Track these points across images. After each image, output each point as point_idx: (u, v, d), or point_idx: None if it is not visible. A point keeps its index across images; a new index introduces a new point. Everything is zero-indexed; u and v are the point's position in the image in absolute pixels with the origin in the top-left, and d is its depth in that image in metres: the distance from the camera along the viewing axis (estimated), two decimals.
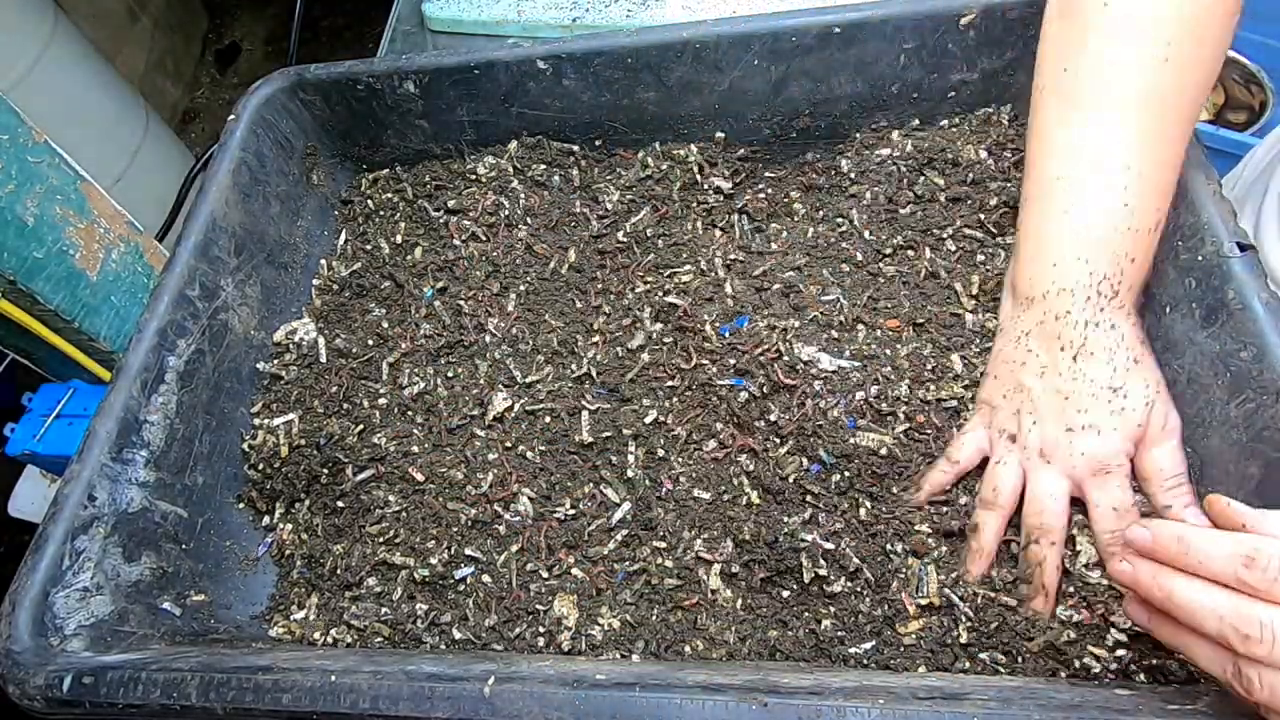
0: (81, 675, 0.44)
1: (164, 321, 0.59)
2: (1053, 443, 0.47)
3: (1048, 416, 0.47)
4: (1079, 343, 0.47)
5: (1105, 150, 0.46)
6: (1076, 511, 0.48)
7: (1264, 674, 0.33)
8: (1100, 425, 0.46)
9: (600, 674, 0.40)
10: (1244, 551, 0.34)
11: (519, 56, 0.68)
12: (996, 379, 0.51)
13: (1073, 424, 0.46)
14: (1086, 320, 0.47)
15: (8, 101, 0.72)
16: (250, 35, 2.52)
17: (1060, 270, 0.47)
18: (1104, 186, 0.46)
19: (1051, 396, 0.47)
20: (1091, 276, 0.47)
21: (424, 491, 0.59)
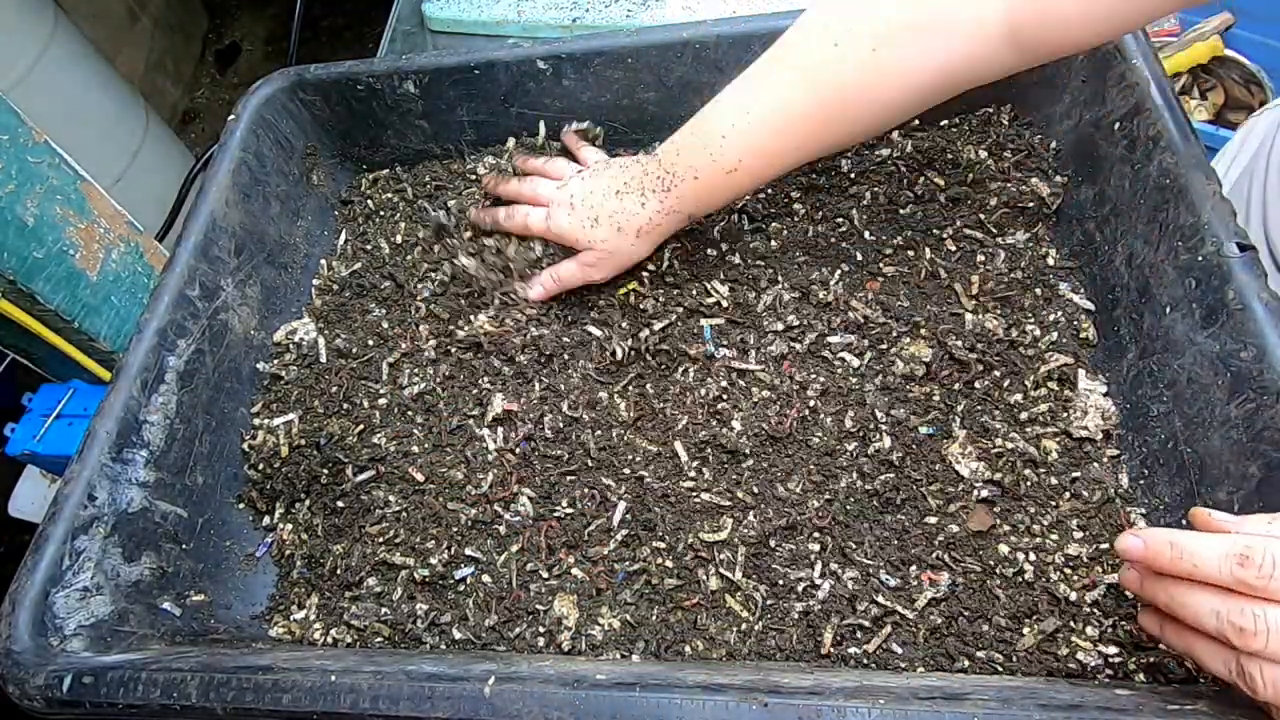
0: (81, 675, 0.44)
1: (164, 321, 0.59)
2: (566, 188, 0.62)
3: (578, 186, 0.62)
4: (627, 189, 0.58)
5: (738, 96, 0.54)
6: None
7: (1265, 669, 0.34)
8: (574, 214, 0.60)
9: (600, 674, 0.40)
10: (1237, 551, 0.35)
11: (519, 56, 0.68)
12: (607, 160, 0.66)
13: (574, 198, 0.61)
14: (643, 185, 0.58)
15: (8, 101, 0.72)
16: (250, 35, 2.52)
17: (668, 146, 0.57)
18: (719, 116, 0.54)
19: (591, 183, 0.61)
20: (670, 165, 0.56)
21: (424, 491, 0.59)
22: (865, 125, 0.52)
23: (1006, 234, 0.63)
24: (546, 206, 0.62)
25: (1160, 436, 0.52)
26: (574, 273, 0.62)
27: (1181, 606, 0.37)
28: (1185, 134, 0.53)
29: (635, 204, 0.58)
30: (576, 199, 0.61)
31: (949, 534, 0.52)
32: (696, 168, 0.55)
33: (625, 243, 0.59)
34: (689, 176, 0.55)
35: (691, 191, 0.56)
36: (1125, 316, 0.56)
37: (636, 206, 0.58)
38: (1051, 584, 0.50)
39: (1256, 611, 0.34)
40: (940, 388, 0.57)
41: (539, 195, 0.64)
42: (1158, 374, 0.53)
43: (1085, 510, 0.52)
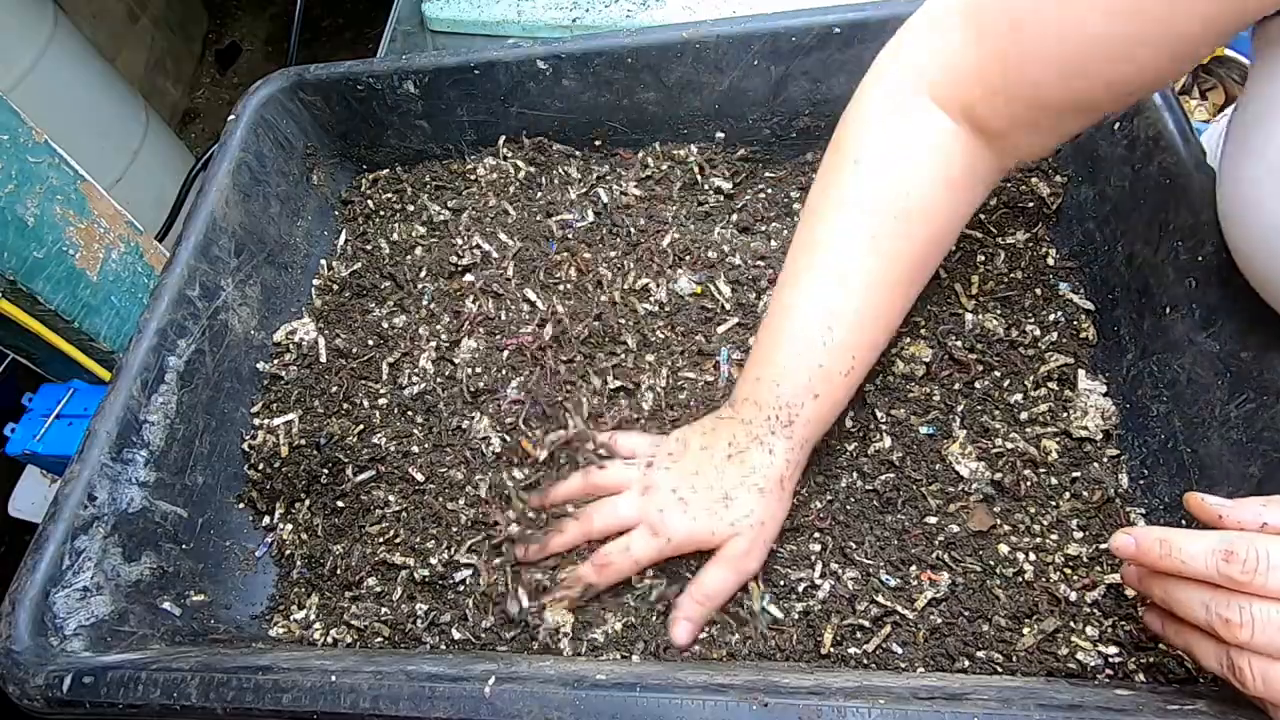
0: (81, 675, 0.44)
1: (164, 321, 0.59)
2: (657, 488, 0.51)
3: (675, 473, 0.52)
4: (740, 449, 0.50)
5: (822, 296, 0.49)
6: None
7: (1254, 662, 0.34)
8: (691, 509, 0.50)
9: (600, 674, 0.40)
10: (1223, 547, 0.35)
11: (519, 56, 0.68)
12: (689, 428, 0.54)
13: (680, 490, 0.51)
14: (757, 435, 0.50)
15: (8, 101, 0.72)
16: (250, 35, 2.52)
17: (759, 386, 0.50)
18: (812, 327, 0.49)
19: (691, 465, 0.51)
20: (777, 400, 0.49)
21: (424, 492, 0.59)
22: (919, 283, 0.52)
23: (1006, 234, 0.63)
24: (636, 525, 0.51)
25: (1160, 436, 0.52)
26: (726, 577, 0.49)
27: (1174, 601, 0.38)
28: (1185, 134, 0.53)
29: (762, 457, 0.49)
30: (681, 490, 0.50)
31: (949, 534, 0.52)
32: (811, 386, 0.49)
33: (774, 503, 0.50)
34: (808, 399, 0.49)
35: (816, 413, 0.49)
36: (1125, 316, 0.56)
37: (764, 459, 0.49)
38: (1051, 584, 0.50)
39: (1242, 604, 0.34)
40: (940, 388, 0.57)
41: (622, 517, 0.51)
42: (1158, 374, 0.53)
43: (1085, 510, 0.52)
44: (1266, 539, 0.35)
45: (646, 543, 0.50)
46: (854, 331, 0.49)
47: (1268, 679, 0.34)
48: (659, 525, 0.50)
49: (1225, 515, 0.37)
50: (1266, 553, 0.34)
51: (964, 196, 0.50)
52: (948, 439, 0.55)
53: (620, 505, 0.52)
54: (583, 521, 0.52)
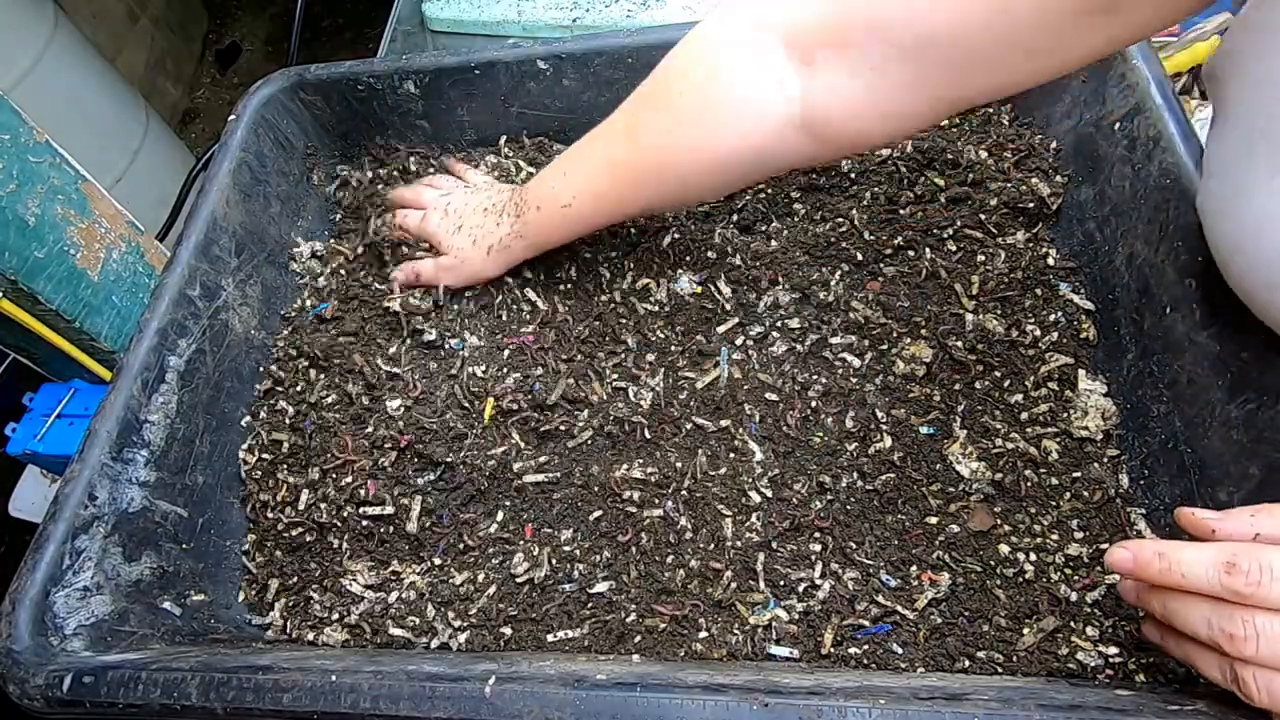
0: (81, 675, 0.44)
1: (165, 321, 0.59)
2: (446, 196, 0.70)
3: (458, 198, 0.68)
4: (491, 210, 0.64)
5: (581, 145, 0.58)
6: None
7: (1259, 675, 0.34)
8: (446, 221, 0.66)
9: (600, 674, 0.40)
10: (1224, 560, 0.35)
11: (519, 56, 0.68)
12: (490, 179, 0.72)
13: (449, 207, 0.67)
14: (503, 208, 0.63)
15: (8, 101, 0.72)
16: (250, 35, 2.52)
17: (536, 177, 0.62)
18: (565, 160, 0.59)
19: (467, 196, 0.67)
20: (528, 192, 0.61)
21: None
22: (675, 192, 0.55)
23: (1006, 234, 0.63)
24: (425, 209, 0.68)
25: (1160, 436, 0.52)
26: (429, 270, 0.65)
27: (1175, 616, 0.37)
28: (1185, 134, 0.53)
29: (493, 223, 0.63)
30: (451, 208, 0.66)
31: (949, 534, 0.52)
32: (541, 199, 0.59)
33: (477, 256, 0.63)
34: (534, 206, 0.60)
35: (535, 221, 0.60)
36: (1125, 316, 0.56)
37: (493, 225, 0.63)
38: (1052, 584, 0.50)
39: (1245, 618, 0.34)
40: (940, 388, 0.57)
41: (421, 199, 0.69)
42: (1158, 374, 0.53)
43: (1085, 510, 0.52)
44: (1268, 550, 0.34)
45: (415, 219, 0.68)
46: (581, 178, 0.57)
47: (1272, 691, 0.34)
48: (427, 217, 0.67)
49: (1218, 529, 0.37)
50: (1269, 564, 0.34)
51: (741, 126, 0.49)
52: (948, 439, 0.55)
53: (427, 192, 0.70)
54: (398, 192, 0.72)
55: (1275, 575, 0.33)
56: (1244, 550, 0.35)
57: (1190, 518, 0.39)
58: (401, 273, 0.67)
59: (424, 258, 0.67)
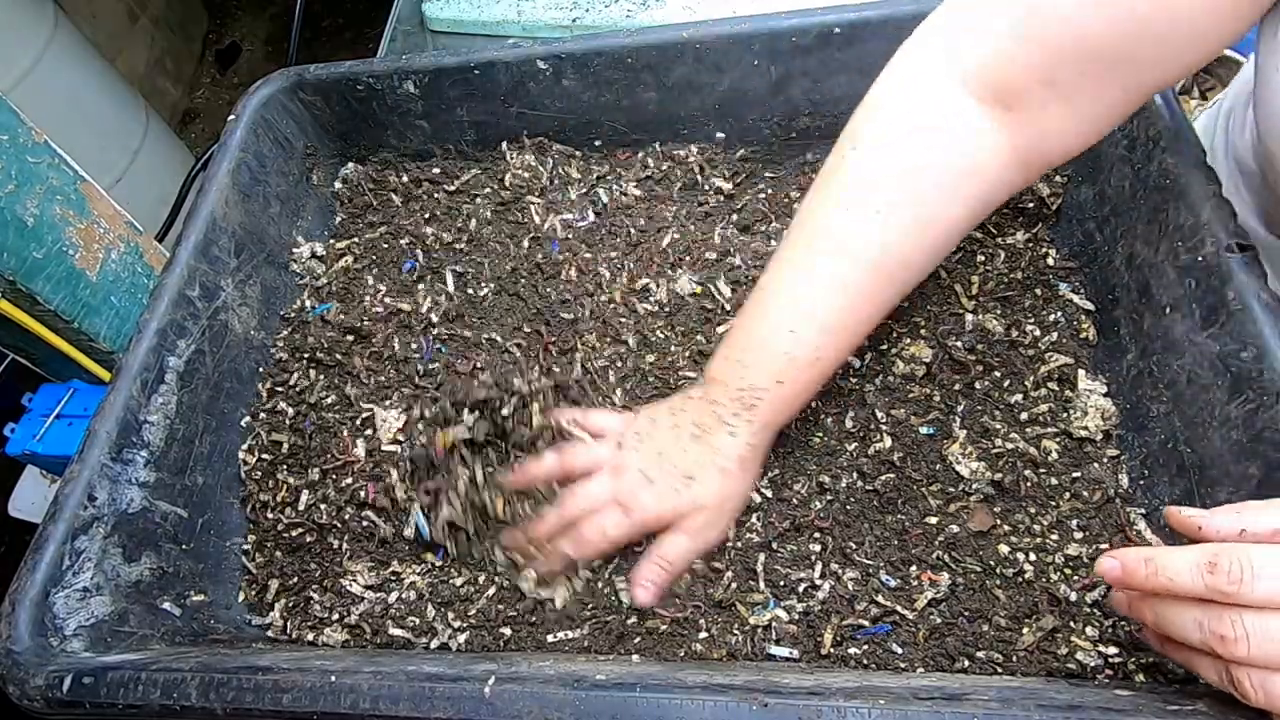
0: (81, 676, 0.44)
1: (164, 322, 0.59)
2: (626, 470, 0.53)
3: (643, 455, 0.54)
4: (704, 430, 0.52)
5: (792, 281, 0.50)
6: None
7: (1253, 675, 0.34)
8: (656, 489, 0.52)
9: (600, 674, 0.40)
10: (1205, 560, 0.35)
11: (519, 56, 0.68)
12: (659, 406, 0.56)
13: (647, 471, 0.53)
14: (721, 417, 0.51)
15: (8, 101, 0.72)
16: (250, 35, 2.52)
17: (727, 367, 0.52)
18: (780, 310, 0.50)
19: (657, 445, 0.53)
20: (742, 381, 0.51)
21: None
22: (920, 273, 0.51)
23: (1006, 234, 0.63)
24: (603, 505, 0.53)
25: (1160, 437, 0.52)
26: (686, 546, 0.52)
27: (1166, 622, 0.37)
28: (1185, 134, 0.53)
29: (724, 438, 0.51)
30: (649, 471, 0.52)
31: (949, 534, 0.52)
32: (776, 373, 0.50)
33: (733, 483, 0.52)
34: (772, 384, 0.50)
35: (780, 398, 0.51)
36: (1125, 316, 0.56)
37: (726, 440, 0.51)
38: (1051, 584, 0.50)
39: (1234, 618, 0.34)
40: (940, 388, 0.57)
41: (594, 498, 0.54)
42: (1158, 374, 0.53)
43: (1085, 510, 0.52)
44: (1249, 547, 0.34)
45: (619, 521, 0.52)
46: (822, 325, 0.49)
47: (1268, 690, 0.33)
48: (629, 504, 0.52)
49: (1204, 526, 0.37)
50: (1250, 561, 0.34)
51: (966, 190, 0.48)
52: (948, 439, 0.55)
53: (593, 487, 0.54)
54: (561, 509, 0.54)
55: (1258, 572, 0.33)
56: (1225, 549, 0.35)
57: (1177, 516, 0.39)
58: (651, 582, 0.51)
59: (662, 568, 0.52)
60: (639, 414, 0.57)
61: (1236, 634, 0.34)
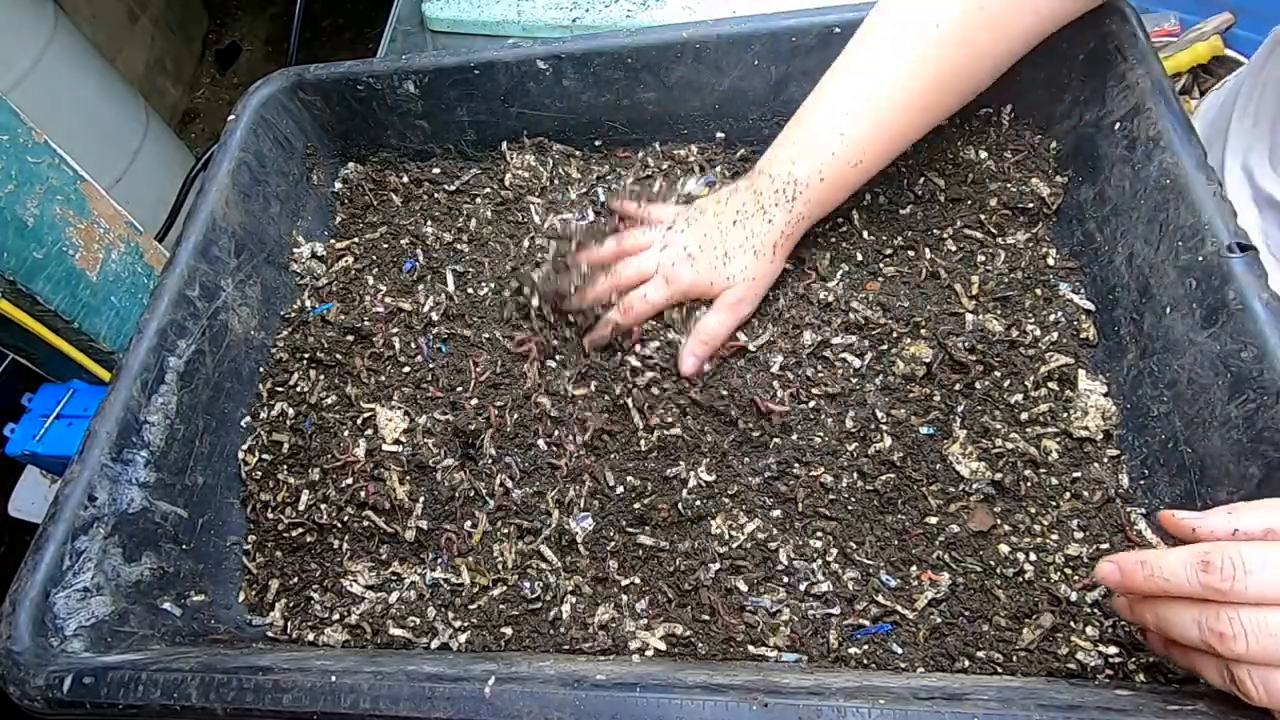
0: (82, 676, 0.44)
1: (164, 322, 0.59)
2: (671, 246, 0.59)
3: (688, 234, 0.59)
4: (746, 215, 0.57)
5: (846, 84, 0.55)
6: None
7: (1254, 672, 0.34)
8: (697, 263, 0.58)
9: (600, 674, 0.40)
10: (1198, 559, 0.35)
11: (519, 56, 0.68)
12: (708, 198, 0.61)
13: (689, 247, 0.58)
14: (762, 205, 0.57)
15: (8, 101, 0.72)
16: (250, 35, 2.52)
17: (774, 159, 0.58)
18: (832, 110, 0.55)
19: (702, 227, 0.59)
20: (788, 175, 0.56)
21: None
22: (975, 85, 0.54)
23: (1006, 234, 0.63)
24: (652, 276, 0.59)
25: (1160, 436, 0.52)
26: (724, 320, 0.57)
27: (1167, 624, 0.37)
28: (1185, 134, 0.53)
29: (762, 224, 0.56)
30: (690, 248, 0.58)
31: (949, 534, 0.52)
32: (820, 169, 0.55)
33: (765, 264, 0.57)
34: (814, 180, 0.55)
35: (819, 194, 0.56)
36: (1125, 316, 0.56)
37: (763, 225, 0.56)
38: (1051, 584, 0.50)
39: (1231, 615, 0.34)
40: (940, 388, 0.57)
41: (643, 269, 0.60)
42: (1158, 374, 0.53)
43: (1085, 510, 0.52)
44: (1240, 545, 0.35)
45: (659, 289, 0.59)
46: (870, 127, 0.54)
47: (1270, 686, 0.34)
48: (670, 276, 0.59)
49: (1198, 528, 0.38)
50: (1242, 558, 0.34)
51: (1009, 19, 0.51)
52: (948, 439, 0.55)
53: (642, 259, 0.60)
54: (611, 275, 0.60)
55: (1250, 569, 0.34)
56: (1216, 547, 0.35)
57: (1171, 519, 0.39)
58: (693, 354, 0.57)
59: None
60: (693, 204, 0.62)
61: (1234, 631, 0.34)
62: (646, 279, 0.60)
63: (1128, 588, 0.39)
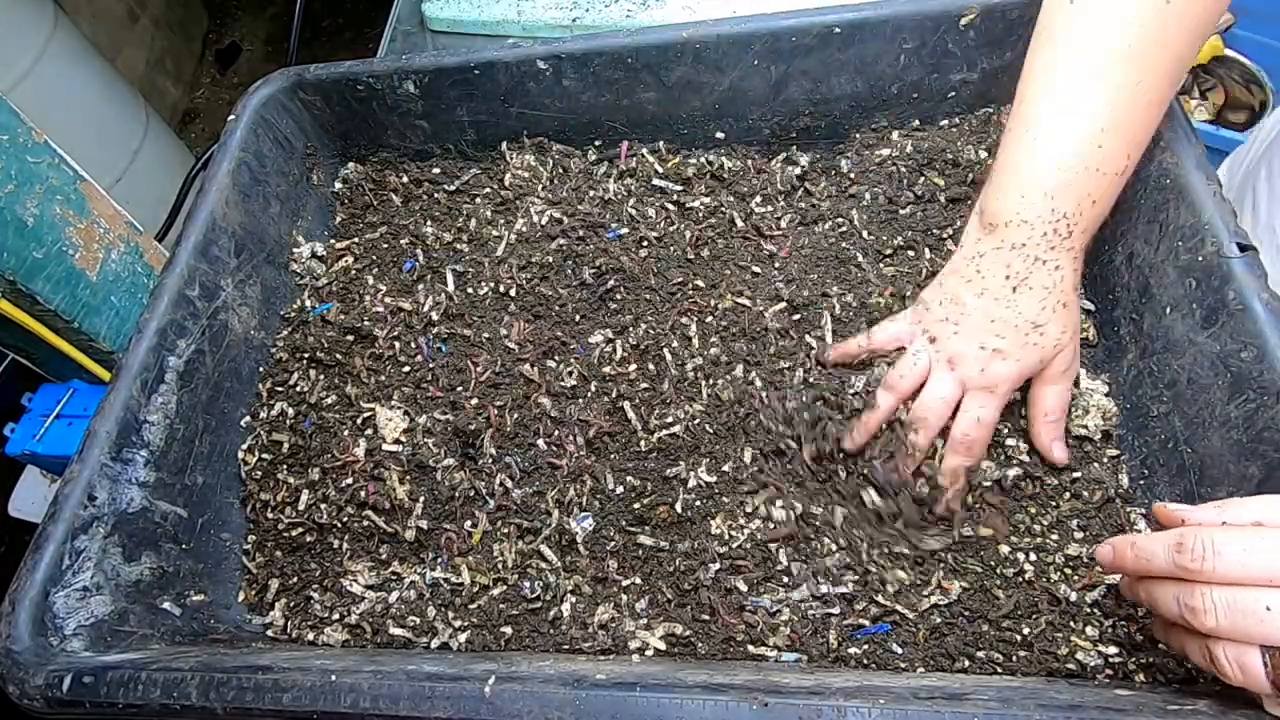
0: (81, 675, 0.44)
1: (164, 321, 0.59)
2: (962, 355, 0.52)
3: (969, 332, 0.51)
4: (1023, 276, 0.50)
5: (1085, 95, 0.48)
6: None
7: (1228, 649, 0.35)
8: (1009, 353, 0.51)
9: (600, 674, 0.40)
10: (1174, 541, 0.37)
11: (519, 56, 0.68)
12: (940, 287, 0.54)
13: (987, 344, 0.51)
14: (1036, 256, 0.50)
15: (8, 101, 0.72)
16: (250, 35, 2.53)
17: (1026, 203, 0.50)
18: (1080, 128, 0.49)
19: (980, 316, 0.51)
20: (1053, 214, 0.49)
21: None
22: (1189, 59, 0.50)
23: None
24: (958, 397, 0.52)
25: (1160, 437, 0.52)
26: (1063, 390, 0.52)
27: (1153, 600, 0.39)
28: (1185, 134, 0.53)
29: (1049, 275, 0.49)
30: (988, 343, 0.51)
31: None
32: (1090, 193, 0.49)
33: (1073, 312, 0.51)
34: (1085, 206, 0.49)
35: (1092, 219, 0.50)
36: (1125, 316, 0.56)
37: (1053, 276, 0.50)
38: (1051, 584, 0.50)
39: (1203, 591, 0.36)
40: None
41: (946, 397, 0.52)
42: (1158, 374, 0.53)
43: (1085, 510, 0.52)
44: (1213, 530, 0.37)
45: (987, 403, 0.51)
46: (1126, 129, 0.48)
47: (1243, 665, 0.35)
48: (988, 383, 0.51)
49: (1187, 519, 0.39)
50: (1212, 541, 0.36)
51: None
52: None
53: (938, 388, 0.52)
54: (916, 420, 0.52)
55: (1219, 550, 0.35)
56: (1190, 531, 0.37)
57: (1164, 510, 0.40)
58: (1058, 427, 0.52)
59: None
60: (920, 306, 0.54)
61: (1205, 606, 0.36)
62: (953, 405, 0.52)
63: (1119, 567, 0.41)
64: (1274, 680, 0.34)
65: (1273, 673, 0.34)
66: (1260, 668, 0.34)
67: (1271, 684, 0.34)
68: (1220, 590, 0.35)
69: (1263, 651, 0.34)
